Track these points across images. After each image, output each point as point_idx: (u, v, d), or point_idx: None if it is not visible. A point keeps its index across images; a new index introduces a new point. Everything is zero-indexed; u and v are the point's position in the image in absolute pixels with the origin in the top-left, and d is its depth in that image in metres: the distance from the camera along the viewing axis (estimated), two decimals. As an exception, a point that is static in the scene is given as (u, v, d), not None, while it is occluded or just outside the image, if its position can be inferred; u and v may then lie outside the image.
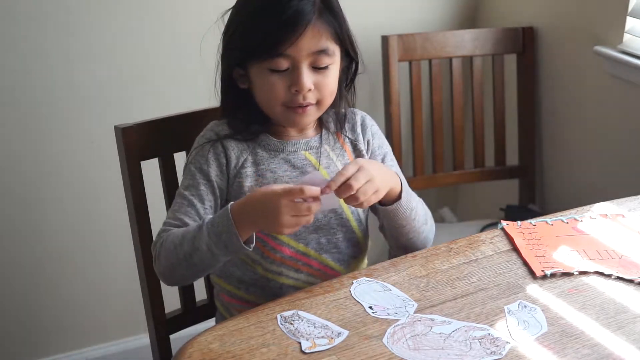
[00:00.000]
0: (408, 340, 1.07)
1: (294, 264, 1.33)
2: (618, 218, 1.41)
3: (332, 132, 1.39)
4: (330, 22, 1.27)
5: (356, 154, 1.40)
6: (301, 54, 1.24)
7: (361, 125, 1.42)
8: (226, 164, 1.32)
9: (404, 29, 2.25)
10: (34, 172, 1.98)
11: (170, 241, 1.24)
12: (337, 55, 1.30)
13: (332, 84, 1.30)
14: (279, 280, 1.34)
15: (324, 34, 1.26)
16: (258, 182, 1.32)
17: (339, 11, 1.30)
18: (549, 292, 1.19)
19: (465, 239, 1.34)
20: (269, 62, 1.25)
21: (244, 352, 1.03)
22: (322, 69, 1.27)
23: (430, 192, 2.62)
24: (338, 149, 1.39)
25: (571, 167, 2.19)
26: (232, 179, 1.33)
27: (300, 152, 1.35)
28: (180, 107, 1.55)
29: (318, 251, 1.34)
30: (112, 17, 1.94)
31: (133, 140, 1.41)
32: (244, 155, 1.33)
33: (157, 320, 1.47)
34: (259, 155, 1.34)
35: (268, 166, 1.33)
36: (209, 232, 1.19)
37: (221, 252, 1.20)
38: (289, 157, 1.35)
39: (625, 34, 1.93)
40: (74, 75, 1.94)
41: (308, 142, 1.37)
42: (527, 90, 2.24)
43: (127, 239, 1.50)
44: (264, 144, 1.35)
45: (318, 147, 1.37)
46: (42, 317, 2.10)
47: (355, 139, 1.41)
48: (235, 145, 1.34)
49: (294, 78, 1.26)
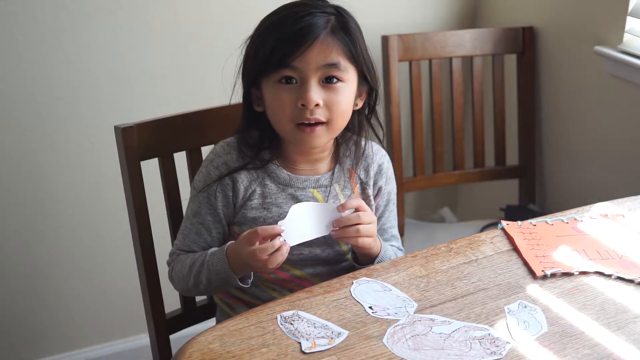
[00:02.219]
0: (408, 340, 1.07)
1: (287, 285, 1.35)
2: (618, 218, 1.41)
3: (345, 168, 1.37)
4: (342, 39, 1.25)
5: (364, 197, 1.39)
6: (309, 67, 1.23)
7: (378, 169, 1.41)
8: (233, 196, 1.33)
9: (404, 29, 2.25)
10: (34, 172, 1.97)
11: (179, 269, 1.35)
12: (350, 73, 1.27)
13: (343, 103, 1.27)
14: (272, 294, 1.36)
15: (334, 50, 1.24)
16: (263, 215, 1.32)
17: (355, 32, 1.28)
18: (549, 292, 1.19)
19: (465, 239, 1.34)
20: (277, 74, 1.24)
21: (244, 352, 1.03)
22: (333, 84, 1.25)
23: (430, 192, 2.62)
24: (348, 190, 1.37)
25: (571, 167, 2.19)
26: (238, 208, 1.34)
27: (308, 189, 1.34)
28: (180, 107, 1.55)
29: (315, 276, 1.35)
30: (112, 17, 1.94)
31: (133, 140, 1.40)
32: (252, 186, 1.33)
33: (157, 320, 1.47)
34: (268, 188, 1.33)
35: (275, 200, 1.33)
36: (209, 270, 1.28)
37: (222, 286, 1.30)
38: (297, 194, 1.34)
39: (625, 34, 1.93)
40: (74, 76, 1.94)
41: (318, 180, 1.35)
42: (527, 90, 2.24)
43: (127, 239, 1.50)
44: (274, 175, 1.34)
45: (328, 185, 1.35)
46: (42, 317, 2.10)
47: (366, 182, 1.39)
48: (245, 176, 1.33)
49: (301, 92, 1.24)
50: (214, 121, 1.48)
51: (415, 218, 2.57)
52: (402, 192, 2.17)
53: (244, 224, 1.33)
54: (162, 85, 2.05)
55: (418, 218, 2.59)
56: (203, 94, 2.05)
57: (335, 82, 1.25)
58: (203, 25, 2.05)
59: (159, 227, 1.51)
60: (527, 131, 2.26)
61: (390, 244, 1.44)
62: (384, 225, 1.45)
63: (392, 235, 1.46)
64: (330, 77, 1.25)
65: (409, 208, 2.57)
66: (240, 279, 1.27)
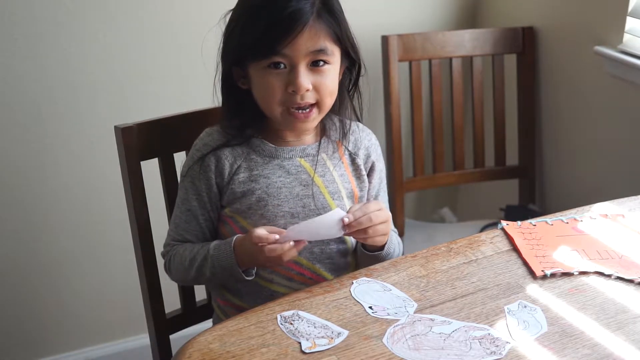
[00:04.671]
0: (408, 340, 1.07)
1: (286, 272, 1.34)
2: (618, 218, 1.41)
3: (332, 140, 1.38)
4: (329, 22, 1.26)
5: (354, 167, 1.39)
6: (298, 53, 1.24)
7: (367, 144, 1.41)
8: (217, 176, 1.33)
9: (404, 29, 2.25)
10: (33, 172, 1.97)
11: (178, 262, 1.35)
12: (336, 55, 1.29)
13: (331, 85, 1.29)
14: (270, 287, 1.35)
15: (322, 35, 1.25)
16: (251, 188, 1.32)
17: (339, 12, 1.29)
18: (549, 292, 1.19)
19: (465, 239, 1.34)
20: (266, 61, 1.25)
21: (244, 352, 1.03)
22: (320, 67, 1.27)
23: (430, 192, 2.62)
24: (336, 159, 1.38)
25: (571, 167, 2.19)
26: (226, 186, 1.34)
27: (295, 158, 1.35)
28: (180, 107, 1.55)
29: (311, 260, 1.35)
30: (112, 17, 1.94)
31: (133, 140, 1.40)
32: (237, 162, 1.33)
33: (157, 320, 1.47)
34: (253, 161, 1.33)
35: (262, 172, 1.33)
36: (214, 265, 1.29)
37: (227, 279, 1.33)
38: (284, 164, 1.34)
39: (625, 34, 1.93)
40: (74, 76, 1.94)
41: (304, 150, 1.36)
42: (527, 90, 2.24)
43: (127, 239, 1.50)
44: (258, 149, 1.34)
45: (315, 154, 1.36)
46: (42, 317, 2.10)
47: (355, 153, 1.40)
48: (229, 152, 1.34)
49: (291, 78, 1.25)
50: (214, 121, 1.48)
51: (415, 218, 2.57)
52: (402, 192, 2.17)
53: (233, 202, 1.33)
54: (162, 85, 2.05)
55: (418, 218, 2.59)
56: (203, 94, 2.04)
57: (322, 65, 1.27)
58: (203, 25, 2.04)
59: (159, 227, 1.51)
60: (527, 131, 2.26)
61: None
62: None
63: None
64: (318, 61, 1.26)
65: (409, 208, 2.57)
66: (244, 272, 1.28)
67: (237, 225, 1.34)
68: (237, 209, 1.33)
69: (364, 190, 1.41)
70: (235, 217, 1.34)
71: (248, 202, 1.32)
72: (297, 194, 1.33)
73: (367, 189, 1.41)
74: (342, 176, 1.37)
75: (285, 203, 1.32)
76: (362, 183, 1.40)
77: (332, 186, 1.35)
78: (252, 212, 1.32)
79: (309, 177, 1.34)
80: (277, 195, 1.32)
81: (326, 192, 1.34)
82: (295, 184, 1.33)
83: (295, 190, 1.33)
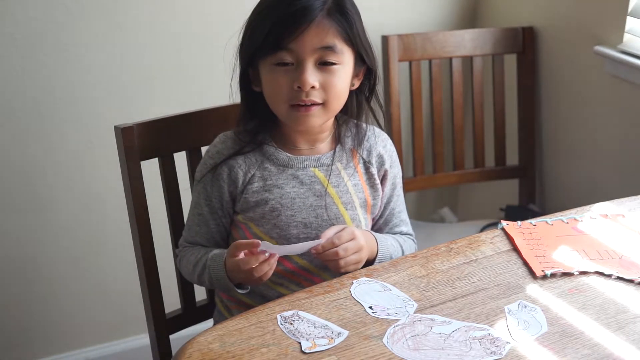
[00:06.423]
0: (408, 340, 1.07)
1: (295, 278, 1.35)
2: (618, 218, 1.41)
3: (347, 148, 1.37)
4: (339, 21, 1.25)
5: (368, 176, 1.39)
6: (305, 49, 1.23)
7: (382, 151, 1.40)
8: (230, 184, 1.33)
9: (404, 29, 2.25)
10: (33, 172, 1.97)
11: (185, 265, 1.38)
12: (346, 55, 1.28)
13: (339, 85, 1.27)
14: (278, 289, 1.35)
15: (330, 32, 1.24)
16: (265, 197, 1.32)
17: (353, 14, 1.28)
18: (549, 292, 1.19)
19: (465, 239, 1.34)
20: (274, 56, 1.25)
21: (244, 352, 1.03)
22: (329, 66, 1.25)
23: (430, 192, 2.62)
24: (351, 169, 1.37)
25: (571, 167, 2.19)
26: (239, 195, 1.34)
27: (309, 168, 1.34)
28: (180, 107, 1.55)
29: (320, 268, 1.35)
30: (112, 17, 1.94)
31: (133, 140, 1.40)
32: (251, 170, 1.33)
33: (157, 320, 1.47)
34: (267, 170, 1.33)
35: (275, 182, 1.33)
36: (210, 275, 1.30)
37: (224, 291, 1.35)
38: (298, 173, 1.33)
39: (625, 34, 1.93)
40: (74, 76, 1.94)
41: (319, 159, 1.35)
42: (527, 90, 2.24)
43: (127, 239, 1.50)
44: (272, 157, 1.34)
45: (329, 164, 1.35)
46: (42, 317, 2.10)
47: (369, 161, 1.39)
48: (242, 161, 1.33)
49: (297, 74, 1.25)
50: (214, 121, 1.48)
51: (415, 218, 2.57)
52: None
53: (247, 210, 1.33)
54: (162, 85, 2.05)
55: (418, 218, 2.59)
56: (203, 94, 2.05)
57: (331, 65, 1.26)
58: (203, 25, 2.05)
59: (159, 227, 1.51)
60: (527, 131, 2.26)
61: (400, 230, 1.45)
62: (393, 210, 1.45)
63: (401, 220, 1.47)
64: (327, 62, 1.25)
65: (409, 208, 2.55)
66: (238, 286, 1.28)
67: (250, 231, 1.35)
68: (250, 217, 1.34)
69: (377, 198, 1.41)
70: (248, 224, 1.35)
71: (261, 211, 1.32)
72: (311, 205, 1.33)
73: (380, 197, 1.41)
74: (356, 186, 1.37)
75: (298, 213, 1.32)
76: (376, 192, 1.40)
77: (346, 196, 1.35)
78: (265, 221, 1.32)
79: (322, 188, 1.33)
80: (291, 205, 1.32)
81: (339, 203, 1.34)
82: (309, 194, 1.33)
83: (308, 201, 1.33)
